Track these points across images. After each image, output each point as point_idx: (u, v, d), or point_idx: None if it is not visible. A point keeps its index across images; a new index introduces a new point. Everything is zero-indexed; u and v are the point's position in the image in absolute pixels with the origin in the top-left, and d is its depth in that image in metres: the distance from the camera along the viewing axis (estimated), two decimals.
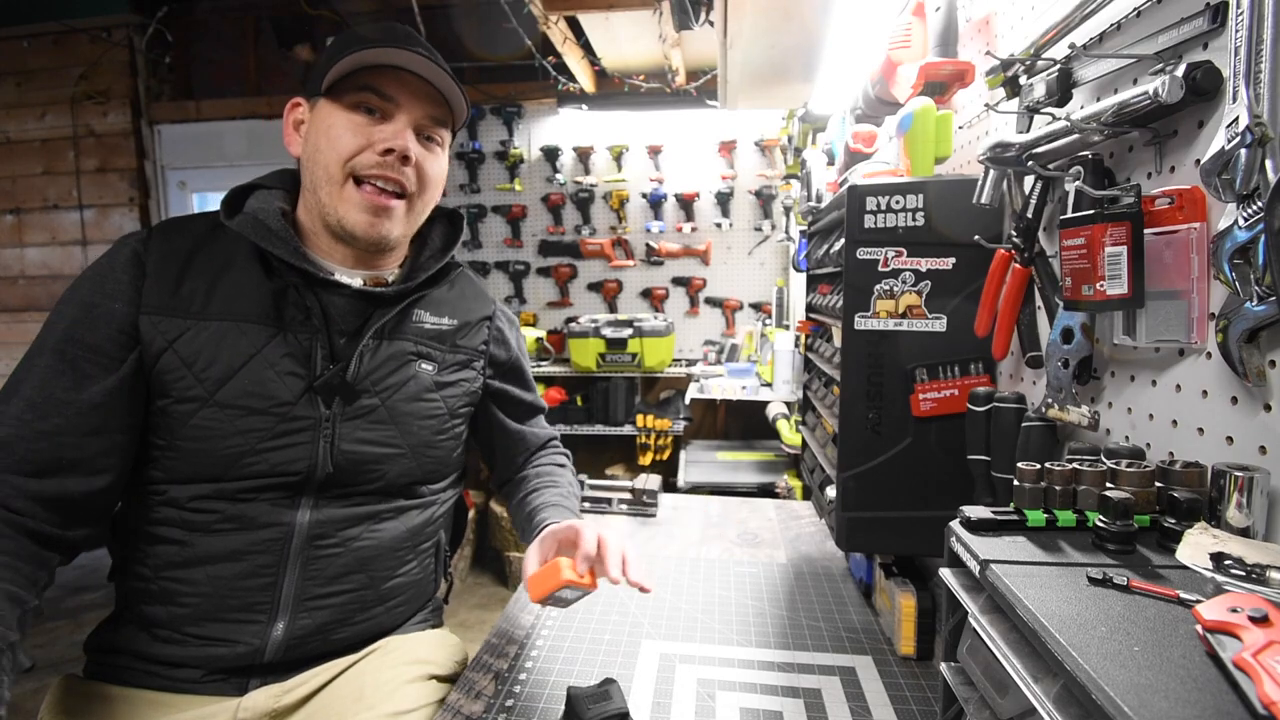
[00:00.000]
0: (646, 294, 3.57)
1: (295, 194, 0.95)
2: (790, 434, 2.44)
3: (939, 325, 0.87)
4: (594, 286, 3.60)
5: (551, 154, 3.52)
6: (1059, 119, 0.67)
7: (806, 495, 1.55)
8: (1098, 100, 0.67)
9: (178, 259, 0.85)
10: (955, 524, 0.57)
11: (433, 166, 0.92)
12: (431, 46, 0.91)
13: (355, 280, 0.92)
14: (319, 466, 0.86)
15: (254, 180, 0.93)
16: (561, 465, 1.15)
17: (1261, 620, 0.36)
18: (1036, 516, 0.54)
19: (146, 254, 0.85)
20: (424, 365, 0.95)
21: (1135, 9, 0.63)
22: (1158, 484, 0.54)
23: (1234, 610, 0.37)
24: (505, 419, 1.10)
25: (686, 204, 3.46)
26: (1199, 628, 0.38)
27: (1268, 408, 0.50)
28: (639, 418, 3.16)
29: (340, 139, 0.86)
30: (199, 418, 0.82)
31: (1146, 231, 0.59)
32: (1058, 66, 0.71)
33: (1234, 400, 0.53)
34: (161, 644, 0.84)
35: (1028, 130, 0.79)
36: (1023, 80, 0.78)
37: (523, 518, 1.04)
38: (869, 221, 0.87)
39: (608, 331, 3.14)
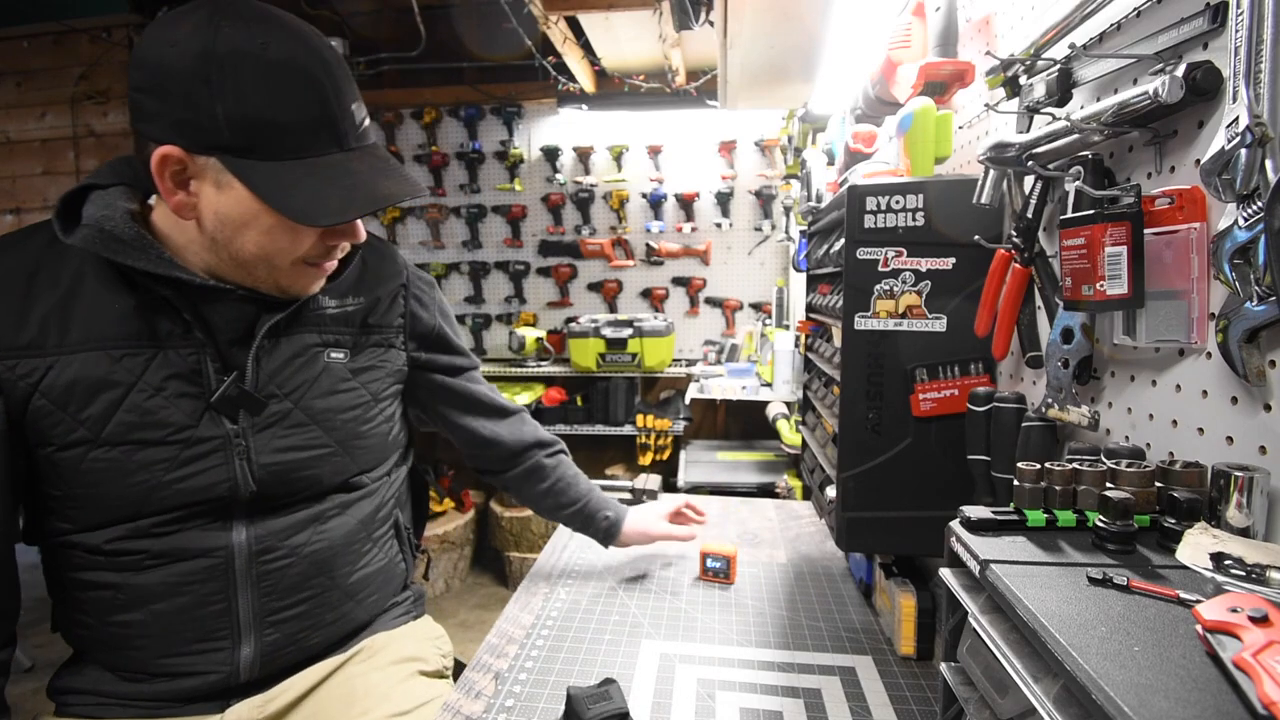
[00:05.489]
0: (646, 294, 3.57)
1: (140, 189, 0.79)
2: (790, 434, 2.44)
3: (939, 325, 0.87)
4: (594, 286, 3.60)
5: (551, 154, 3.51)
6: (1059, 119, 0.67)
7: (806, 495, 1.54)
8: (1098, 100, 0.67)
9: (16, 286, 0.73)
10: (955, 524, 0.56)
11: None
12: (370, 126, 0.78)
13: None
14: (240, 485, 0.79)
15: (86, 180, 0.77)
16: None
17: (1261, 620, 0.35)
18: (1036, 516, 0.54)
19: None
20: (334, 354, 0.86)
21: (1135, 9, 0.63)
22: (1158, 484, 0.54)
23: (1234, 610, 0.37)
24: (446, 379, 1.03)
25: (686, 204, 3.46)
26: (1199, 628, 0.38)
27: (1268, 408, 0.50)
28: (639, 418, 3.16)
29: (290, 242, 0.74)
30: (89, 461, 0.73)
31: (1146, 231, 0.59)
32: (1058, 66, 0.71)
33: (1234, 400, 0.53)
34: (130, 684, 0.81)
35: (1028, 130, 0.79)
36: (1023, 80, 0.78)
37: (574, 505, 1.18)
38: (869, 221, 0.87)
39: (608, 331, 3.15)
